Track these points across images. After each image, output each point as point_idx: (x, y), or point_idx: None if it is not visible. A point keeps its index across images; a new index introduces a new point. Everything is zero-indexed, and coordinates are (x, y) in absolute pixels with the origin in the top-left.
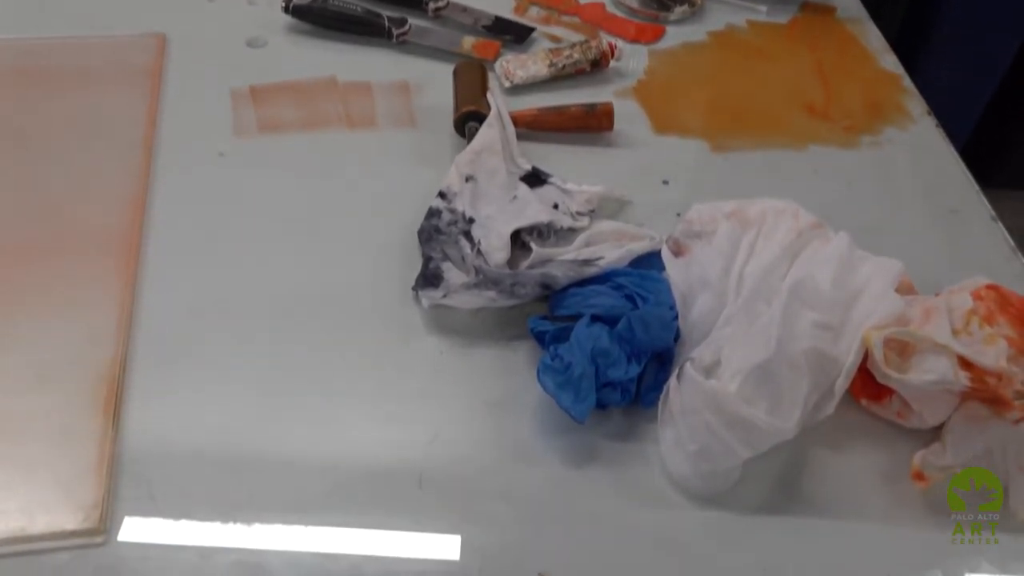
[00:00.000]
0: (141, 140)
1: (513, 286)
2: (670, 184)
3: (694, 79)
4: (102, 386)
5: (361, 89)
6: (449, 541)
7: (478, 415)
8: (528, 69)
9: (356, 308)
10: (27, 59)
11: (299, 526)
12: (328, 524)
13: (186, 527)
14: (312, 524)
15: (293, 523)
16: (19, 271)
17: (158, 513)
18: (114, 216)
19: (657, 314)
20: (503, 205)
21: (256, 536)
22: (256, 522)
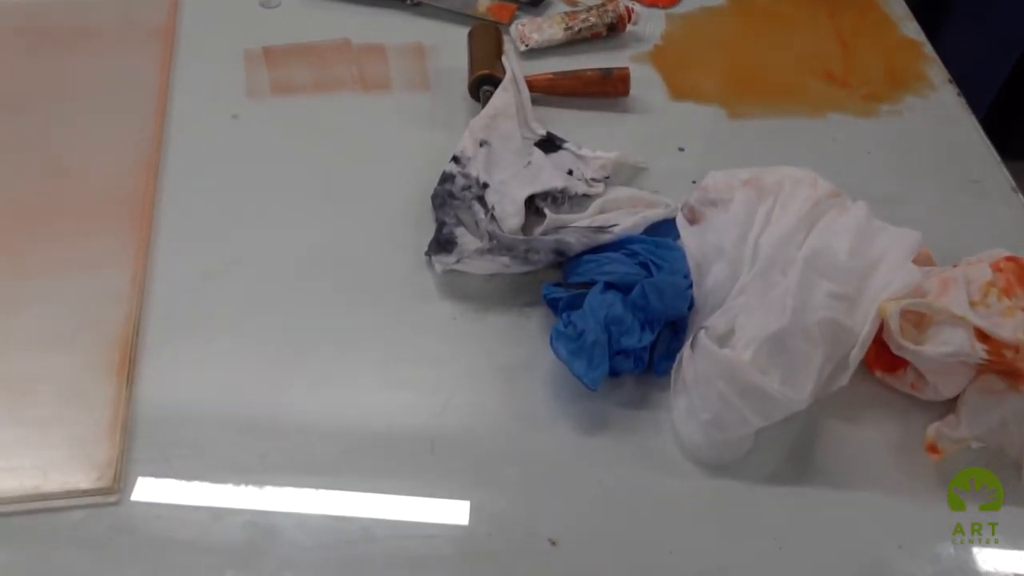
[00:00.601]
0: (154, 99)
1: (527, 252)
2: (686, 151)
3: (711, 45)
4: (116, 347)
5: (375, 51)
6: (460, 506)
7: (490, 381)
8: (544, 32)
9: (369, 272)
10: (38, 18)
11: (310, 489)
12: (339, 487)
13: (199, 488)
14: (323, 487)
15: (305, 486)
16: (34, 232)
17: (171, 474)
18: (127, 178)
19: (671, 282)
20: (517, 170)
21: (268, 498)
22: (268, 484)
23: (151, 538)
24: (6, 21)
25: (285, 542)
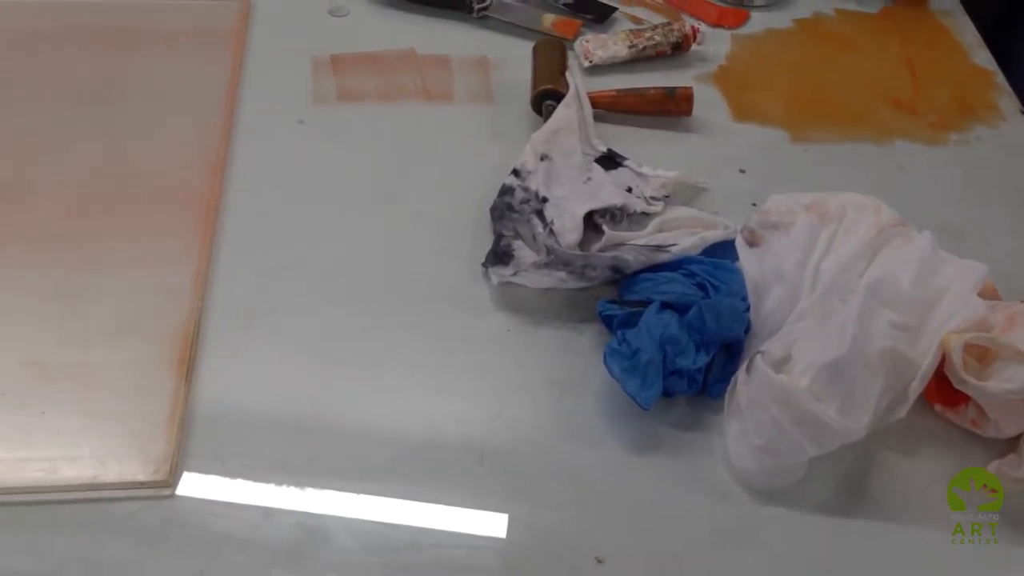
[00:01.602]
0: (223, 103)
1: (584, 268)
2: (747, 173)
3: (777, 67)
4: (177, 342)
5: (440, 62)
6: (507, 519)
7: (542, 395)
8: (608, 49)
9: (425, 280)
10: (117, 19)
11: (360, 493)
12: (388, 493)
13: (250, 486)
14: (373, 492)
15: (354, 490)
16: (104, 225)
17: (224, 471)
18: (195, 176)
19: (729, 304)
20: (577, 186)
21: (317, 500)
22: (318, 486)
23: (202, 533)
24: (84, 21)
25: (333, 545)
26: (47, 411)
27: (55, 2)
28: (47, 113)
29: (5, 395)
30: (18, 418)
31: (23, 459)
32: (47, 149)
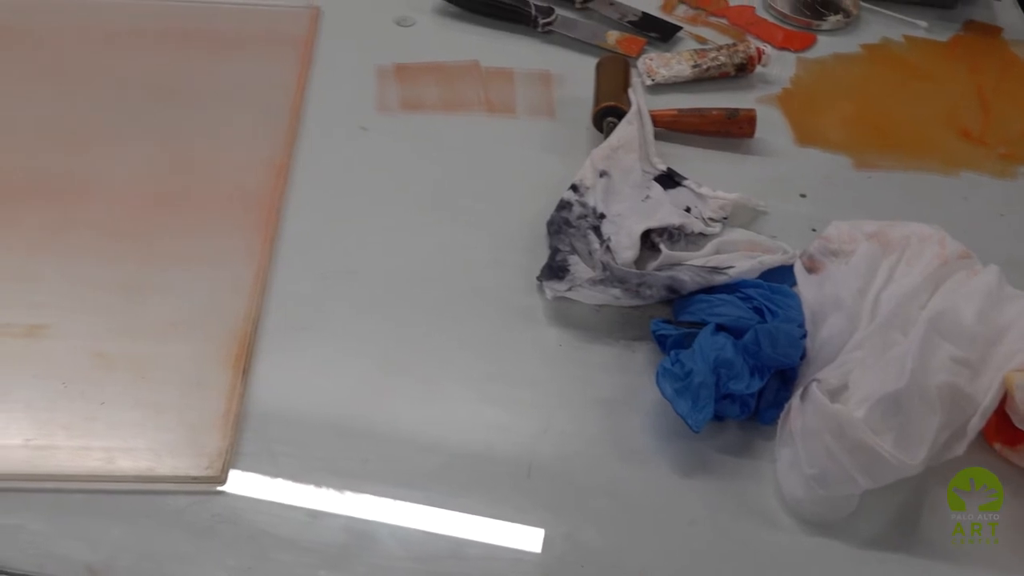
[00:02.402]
0: (289, 107)
1: (639, 286)
2: (808, 198)
3: (842, 92)
4: (234, 340)
5: (503, 75)
6: (551, 533)
7: (592, 411)
8: (671, 68)
9: (480, 291)
10: (190, 21)
11: (408, 501)
12: (435, 502)
13: (300, 487)
14: (420, 500)
15: (402, 497)
16: (169, 221)
17: (275, 470)
18: (259, 177)
19: (785, 330)
20: (635, 204)
21: (365, 504)
22: (366, 491)
23: (251, 530)
24: (161, 22)
25: (379, 550)
26: (107, 402)
27: (134, 3)
28: (121, 109)
29: (68, 384)
30: (80, 407)
31: (83, 448)
32: (119, 144)
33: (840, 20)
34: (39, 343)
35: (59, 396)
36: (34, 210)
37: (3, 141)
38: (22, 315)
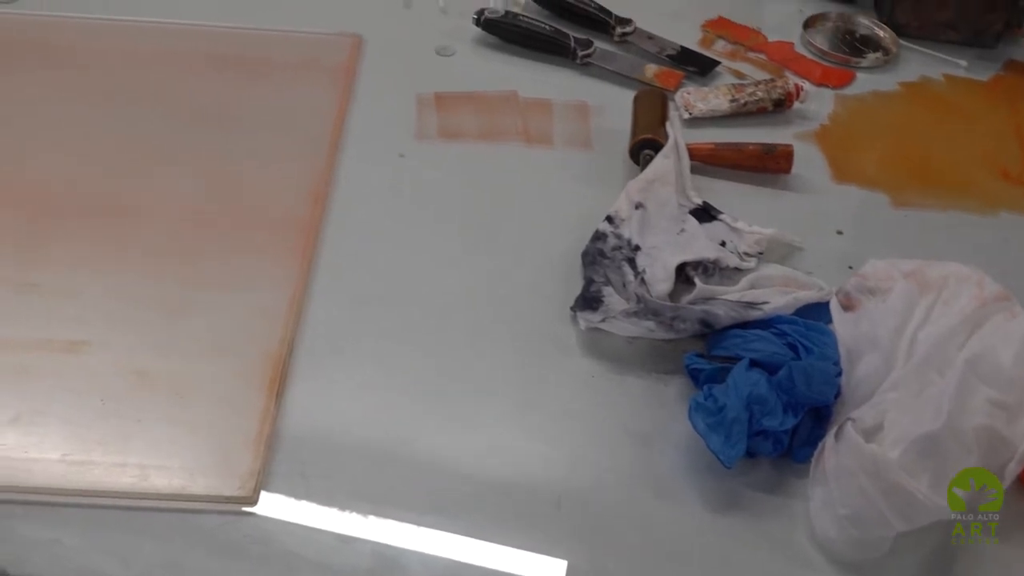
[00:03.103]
0: (329, 133)
1: (673, 319)
2: (844, 235)
3: (880, 129)
4: (269, 362)
5: (541, 106)
6: (581, 566)
7: (623, 443)
8: (709, 102)
9: (513, 319)
10: (235, 47)
11: (437, 529)
12: (465, 531)
13: (330, 510)
14: (450, 528)
15: (432, 525)
16: (209, 243)
17: (306, 492)
18: (297, 203)
19: (820, 367)
20: (670, 237)
21: (395, 531)
22: (396, 517)
23: (281, 552)
24: (207, 46)
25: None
26: (143, 419)
27: (181, 27)
28: (167, 132)
29: (106, 401)
30: (117, 424)
31: (118, 464)
32: (164, 166)
33: (879, 58)
34: (79, 359)
35: (97, 412)
36: (80, 228)
37: (53, 161)
38: (65, 331)
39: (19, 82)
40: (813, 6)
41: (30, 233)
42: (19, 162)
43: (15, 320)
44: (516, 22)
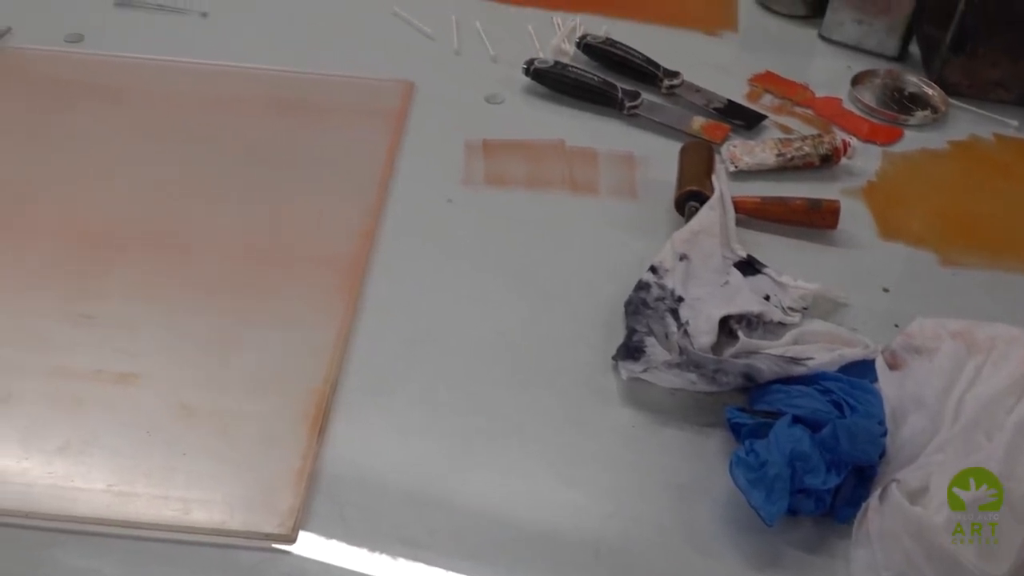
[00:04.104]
0: (379, 176)
1: (715, 372)
2: (891, 292)
3: (929, 187)
4: (312, 400)
5: (587, 155)
6: None
7: (662, 496)
8: (755, 156)
9: (555, 366)
10: (292, 89)
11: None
12: None
13: (368, 551)
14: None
15: (468, 571)
16: (258, 279)
17: (344, 533)
18: (346, 242)
19: (864, 426)
20: (714, 289)
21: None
22: (434, 562)
23: None
24: (259, 88)
25: None
26: (188, 453)
27: (240, 70)
28: (222, 171)
29: (152, 433)
30: (162, 456)
31: (161, 497)
32: (218, 203)
33: (928, 116)
34: (129, 391)
35: (143, 444)
36: (135, 262)
37: (111, 195)
38: (116, 362)
39: (82, 118)
40: (861, 63)
41: (87, 266)
42: (79, 196)
43: (69, 350)
44: (565, 72)
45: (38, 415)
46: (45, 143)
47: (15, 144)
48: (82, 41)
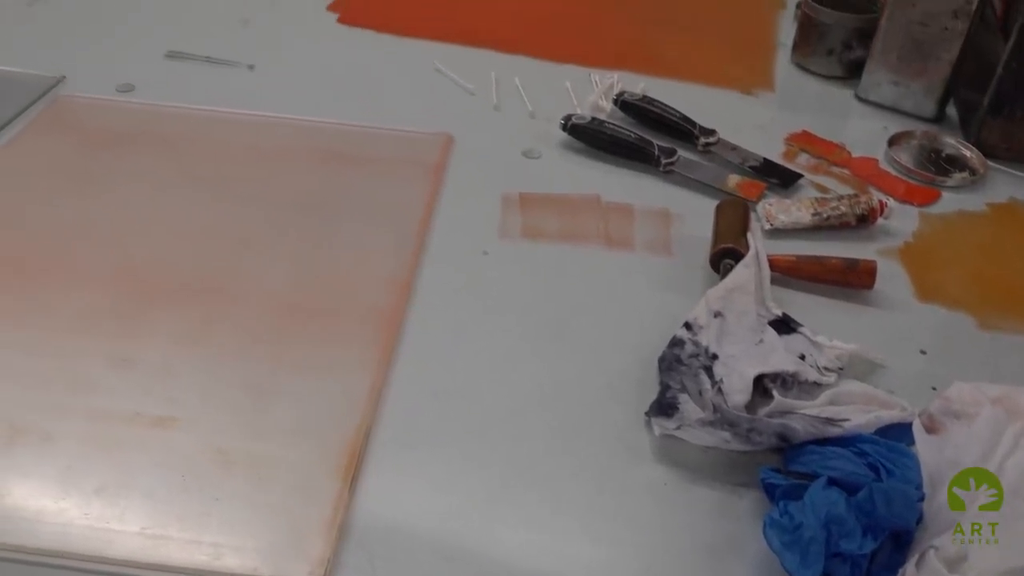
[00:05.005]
0: (417, 227)
1: (749, 431)
2: (928, 355)
3: (967, 250)
4: (345, 450)
5: (623, 211)
6: None
7: (693, 556)
8: (791, 214)
9: (587, 421)
10: (333, 141)
11: None
12: None
13: None
14: None
15: None
16: (296, 328)
17: None
18: (383, 292)
19: (901, 490)
20: (748, 347)
21: None
22: None
23: None
24: (302, 139)
25: None
26: (222, 498)
27: (284, 121)
28: (263, 218)
29: (187, 477)
30: (196, 501)
31: (194, 541)
32: (259, 252)
33: (966, 178)
34: (166, 434)
35: (178, 488)
36: (176, 307)
37: (155, 241)
38: (155, 406)
39: (130, 165)
40: (898, 124)
41: (130, 309)
42: (125, 241)
43: (109, 393)
44: (602, 128)
45: (77, 456)
46: (94, 188)
47: (66, 188)
48: (133, 91)
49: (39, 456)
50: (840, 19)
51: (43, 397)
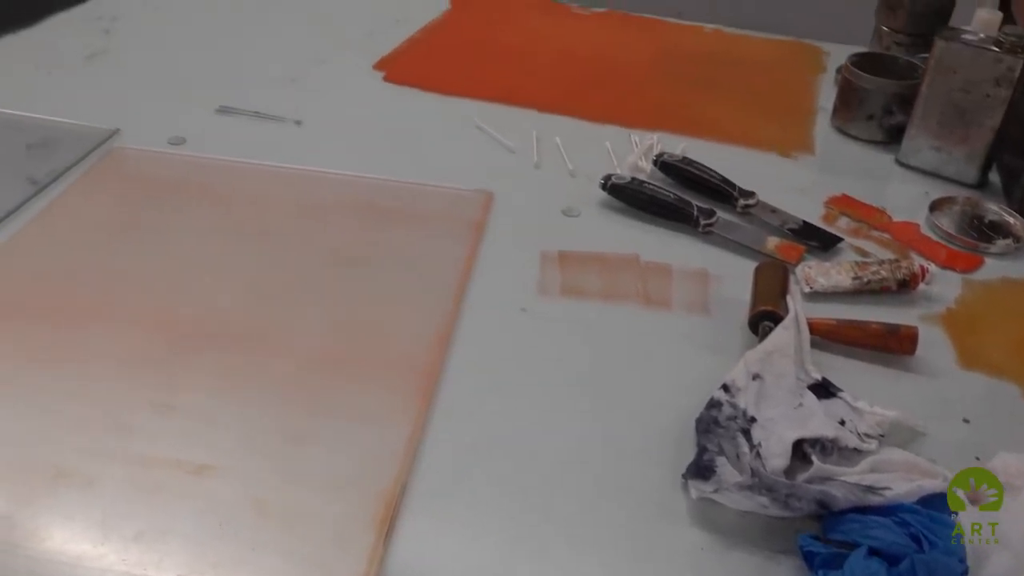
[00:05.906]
0: (456, 282)
1: (788, 497)
2: (971, 424)
3: (1012, 318)
4: (382, 501)
5: (661, 270)
6: None
7: None
8: (831, 278)
9: (623, 481)
10: (376, 196)
11: None
12: None
13: None
14: None
15: None
16: (333, 378)
17: None
18: (421, 345)
19: (944, 562)
20: (787, 411)
21: None
22: None
23: None
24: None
25: None
26: (257, 547)
27: (328, 175)
28: (305, 270)
29: (224, 525)
30: (232, 549)
31: None
32: (300, 302)
33: (1010, 245)
34: (206, 482)
35: (215, 536)
36: (217, 356)
37: (197, 291)
38: (196, 454)
39: (178, 216)
40: (939, 189)
41: (172, 357)
42: (170, 289)
43: (150, 439)
44: (641, 188)
45: (118, 500)
46: (142, 236)
47: (115, 236)
48: (184, 144)
49: (81, 500)
50: (880, 85)
51: (87, 441)
